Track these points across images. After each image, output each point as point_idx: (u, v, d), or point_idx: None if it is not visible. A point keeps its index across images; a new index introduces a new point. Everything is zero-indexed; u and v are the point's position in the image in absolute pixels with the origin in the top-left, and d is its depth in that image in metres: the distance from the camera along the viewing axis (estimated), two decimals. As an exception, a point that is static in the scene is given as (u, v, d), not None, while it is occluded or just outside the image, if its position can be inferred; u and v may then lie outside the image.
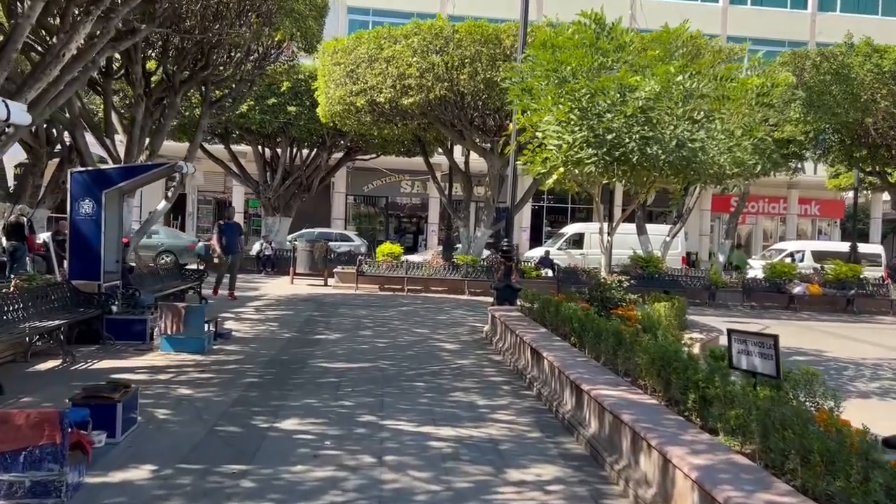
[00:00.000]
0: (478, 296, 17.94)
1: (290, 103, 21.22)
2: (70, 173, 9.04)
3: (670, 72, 7.61)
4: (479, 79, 15.49)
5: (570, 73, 8.17)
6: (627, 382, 6.05)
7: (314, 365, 8.40)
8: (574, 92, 8.14)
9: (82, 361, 7.90)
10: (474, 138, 18.40)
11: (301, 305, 14.32)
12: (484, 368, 8.70)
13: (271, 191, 23.65)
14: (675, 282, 19.33)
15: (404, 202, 35.17)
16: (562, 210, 36.14)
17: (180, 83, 12.11)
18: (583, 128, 8.21)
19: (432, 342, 10.51)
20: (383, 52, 16.09)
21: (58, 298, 8.61)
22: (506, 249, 12.21)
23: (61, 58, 6.43)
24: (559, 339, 8.30)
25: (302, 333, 10.74)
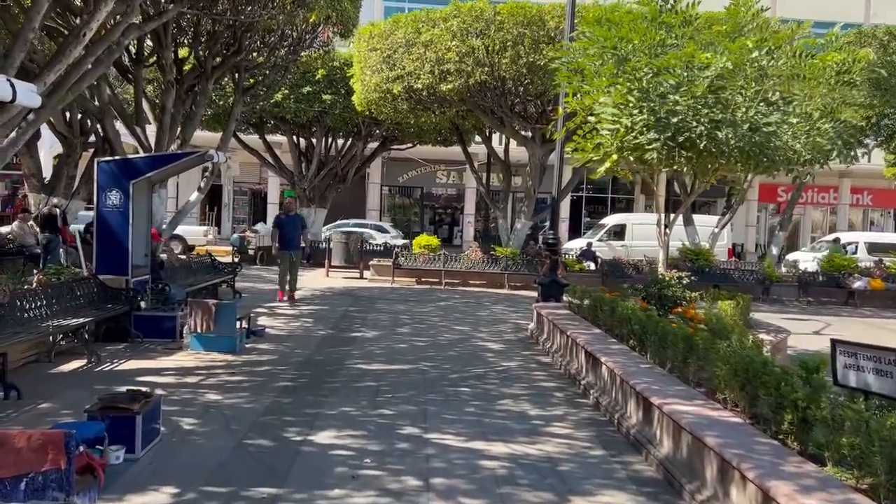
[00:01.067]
0: (518, 290, 17.28)
1: (325, 92, 20.74)
2: (97, 163, 8.62)
3: (747, 46, 6.85)
4: (521, 63, 14.76)
5: (630, 50, 7.45)
6: (702, 395, 5.37)
7: (351, 366, 7.86)
8: (635, 71, 7.41)
9: (108, 362, 7.48)
10: (515, 126, 17.69)
11: (336, 300, 13.84)
12: (532, 372, 8.06)
13: (306, 181, 23.25)
14: (727, 276, 18.41)
15: (440, 193, 34.60)
16: (601, 200, 35.22)
17: (212, 69, 11.65)
18: (643, 110, 7.49)
19: (475, 341, 9.91)
20: (421, 37, 15.46)
21: (84, 294, 8.21)
22: (551, 242, 11.52)
23: (82, 38, 5.96)
24: (615, 341, 7.63)
25: (338, 331, 10.23)
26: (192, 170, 33.07)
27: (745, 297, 9.74)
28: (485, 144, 20.60)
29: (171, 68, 10.93)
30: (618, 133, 8.17)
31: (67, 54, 5.97)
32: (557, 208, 11.70)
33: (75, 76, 6.52)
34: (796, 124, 7.42)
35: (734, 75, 6.95)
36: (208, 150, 8.72)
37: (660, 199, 9.50)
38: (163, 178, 10.13)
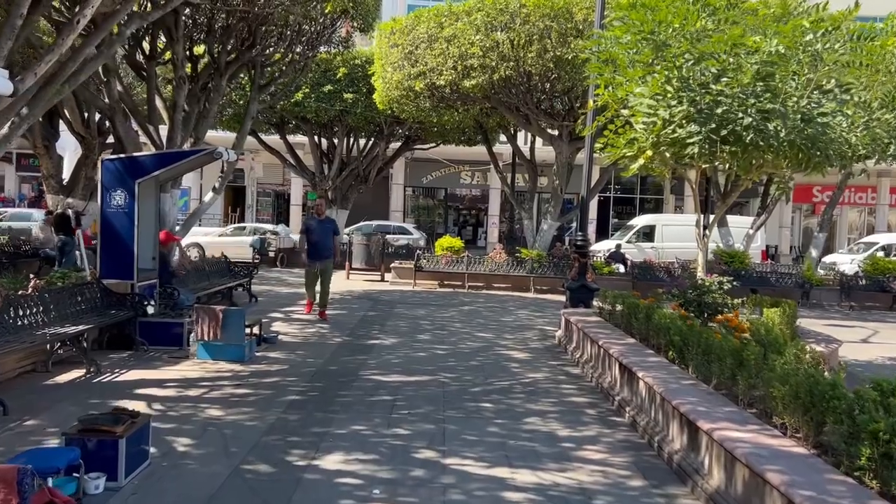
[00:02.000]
0: (544, 294, 16.67)
1: (346, 90, 20.29)
2: (100, 161, 8.22)
3: (802, 26, 6.19)
4: (547, 57, 14.14)
5: (670, 35, 6.81)
6: (756, 418, 4.73)
7: (365, 378, 7.33)
8: (674, 58, 6.78)
9: (108, 372, 7.04)
10: (541, 123, 17.06)
11: (355, 304, 13.35)
12: (561, 385, 7.46)
13: (328, 182, 22.83)
14: (764, 279, 17.60)
15: (464, 193, 34.04)
16: (629, 201, 34.38)
17: (226, 65, 11.22)
18: (683, 101, 6.85)
19: (498, 349, 9.33)
20: (444, 31, 14.91)
21: (86, 300, 7.79)
22: (580, 244, 10.90)
23: (76, 26, 5.53)
24: (652, 352, 7.00)
25: (354, 337, 9.72)
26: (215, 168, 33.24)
27: (791, 303, 9.03)
28: (510, 143, 19.99)
29: (183, 64, 10.52)
30: (654, 127, 7.53)
31: (60, 43, 5.53)
32: (587, 208, 11.08)
33: (71, 67, 6.10)
34: (853, 115, 6.73)
35: (786, 60, 6.29)
36: (217, 147, 8.26)
37: (697, 199, 8.84)
38: (171, 178, 9.73)
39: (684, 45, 6.70)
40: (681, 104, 6.91)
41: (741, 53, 6.45)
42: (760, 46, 6.27)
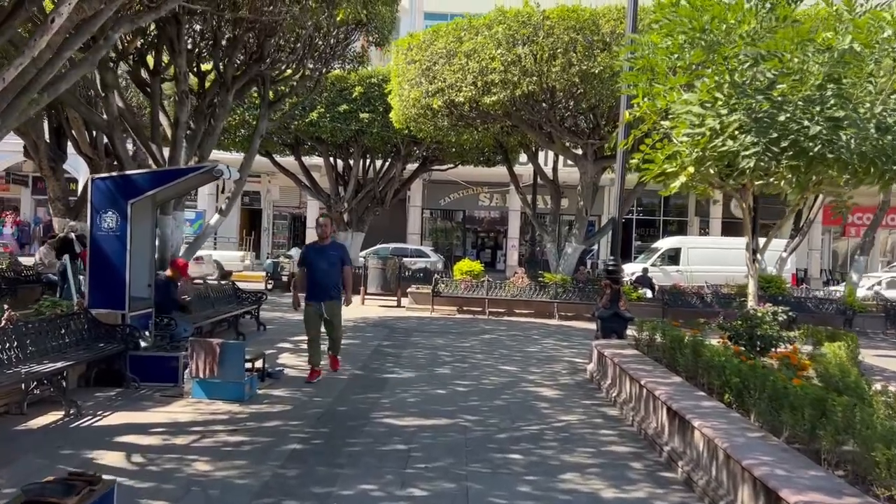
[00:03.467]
0: (569, 320, 15.78)
1: (362, 110, 19.71)
2: (90, 180, 7.56)
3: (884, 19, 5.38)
4: (572, 71, 13.41)
5: (722, 33, 6.03)
6: (850, 486, 3.86)
7: (377, 421, 6.51)
8: (727, 60, 6.00)
9: (89, 414, 6.28)
10: (565, 141, 16.30)
11: (370, 332, 12.56)
12: (598, 430, 6.58)
13: (343, 204, 22.19)
14: (801, 305, 16.57)
15: (482, 216, 33.32)
16: (651, 223, 33.44)
17: (232, 79, 10.62)
18: (737, 108, 6.05)
19: (525, 385, 8.47)
20: (463, 46, 14.26)
21: (71, 332, 7.08)
22: (612, 269, 10.06)
23: (50, 25, 4.89)
24: (704, 394, 6.12)
25: (367, 371, 8.91)
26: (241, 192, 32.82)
27: (852, 336, 8.10)
28: (531, 162, 19.24)
29: (186, 77, 9.92)
30: (701, 139, 6.72)
31: (32, 45, 4.89)
32: (618, 230, 10.25)
33: (48, 73, 5.46)
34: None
35: (860, 60, 5.48)
36: (216, 164, 7.59)
37: (747, 219, 7.99)
38: (170, 198, 9.06)
39: (739, 44, 5.91)
40: (734, 112, 6.11)
41: (809, 52, 5.64)
42: (832, 44, 5.46)
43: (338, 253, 8.12)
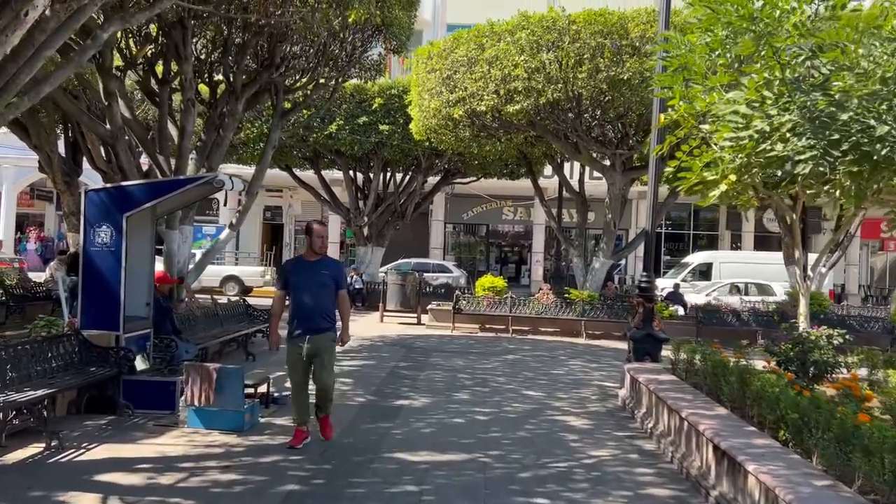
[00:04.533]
0: (597, 339, 15.03)
1: (382, 122, 19.25)
2: (84, 192, 7.09)
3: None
4: (600, 77, 12.77)
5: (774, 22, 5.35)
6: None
7: (387, 457, 5.88)
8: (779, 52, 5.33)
9: (72, 447, 5.73)
10: (591, 152, 15.62)
11: (386, 352, 11.95)
12: (634, 468, 5.88)
13: (363, 218, 21.71)
14: (844, 323, 15.60)
15: (506, 230, 32.65)
16: (680, 237, 32.50)
17: (242, 87, 10.16)
18: (790, 106, 5.36)
19: (551, 414, 7.78)
20: (485, 53, 13.70)
21: (60, 356, 6.57)
22: (645, 286, 9.36)
23: (23, 19, 4.42)
24: (753, 429, 5.40)
25: (380, 396, 8.29)
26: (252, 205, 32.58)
27: (916, 361, 7.30)
28: (556, 174, 18.58)
29: (192, 85, 9.48)
30: (746, 143, 6.04)
31: (3, 41, 4.40)
32: (651, 244, 9.55)
33: (27, 73, 4.99)
34: None
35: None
36: (217, 174, 7.08)
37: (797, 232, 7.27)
38: (170, 210, 8.58)
39: (793, 33, 5.24)
40: (786, 112, 5.43)
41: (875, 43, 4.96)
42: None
43: (331, 271, 5.99)
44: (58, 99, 9.06)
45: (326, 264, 6.04)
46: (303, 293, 5.88)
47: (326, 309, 5.92)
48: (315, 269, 5.93)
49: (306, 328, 5.84)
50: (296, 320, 5.92)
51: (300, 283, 5.90)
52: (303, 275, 5.93)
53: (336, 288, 5.98)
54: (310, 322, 5.85)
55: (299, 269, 6.02)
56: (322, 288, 5.89)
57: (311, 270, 5.93)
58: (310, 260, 6.01)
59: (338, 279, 6.03)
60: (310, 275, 5.91)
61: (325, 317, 5.90)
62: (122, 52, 10.39)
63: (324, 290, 5.90)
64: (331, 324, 5.96)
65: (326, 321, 5.92)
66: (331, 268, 6.05)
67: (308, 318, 5.86)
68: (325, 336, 5.90)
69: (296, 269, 6.04)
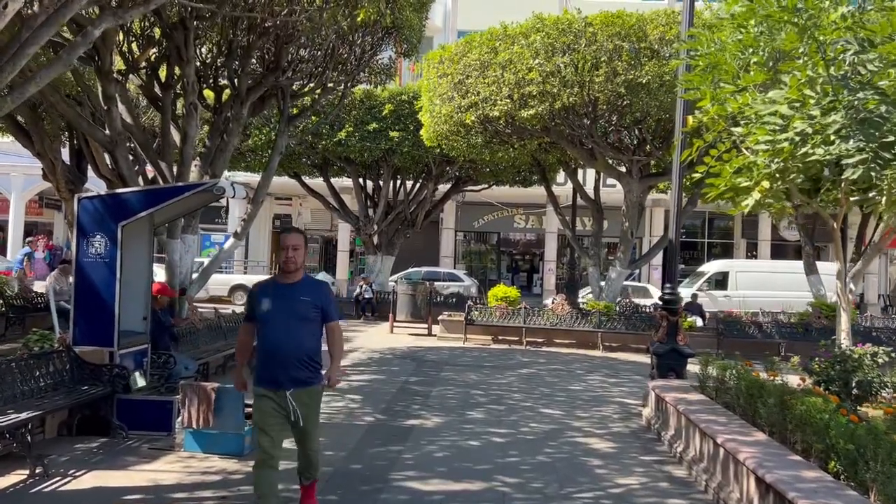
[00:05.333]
0: (614, 351, 14.55)
1: (392, 128, 18.88)
2: (76, 200, 6.71)
3: None
4: (618, 81, 12.33)
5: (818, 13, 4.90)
6: None
7: (396, 485, 5.44)
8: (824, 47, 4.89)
9: (58, 475, 5.32)
10: (608, 158, 15.17)
11: (396, 365, 11.52)
12: (666, 499, 5.41)
13: (373, 226, 21.32)
14: (872, 335, 15.05)
15: (518, 238, 32.18)
16: (693, 245, 31.87)
17: (247, 91, 9.80)
18: (837, 105, 4.91)
19: (571, 435, 7.31)
20: (498, 57, 13.30)
21: (50, 374, 6.18)
22: (668, 298, 8.88)
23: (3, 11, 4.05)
24: (798, 458, 4.93)
25: (390, 415, 7.85)
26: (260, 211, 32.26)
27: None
28: (570, 181, 18.12)
29: (195, 88, 9.11)
30: (784, 148, 5.59)
31: (-21, 35, 4.04)
32: (675, 254, 9.08)
33: (9, 72, 4.62)
34: None
35: None
36: (217, 181, 6.70)
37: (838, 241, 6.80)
38: (168, 219, 8.20)
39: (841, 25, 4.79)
40: (833, 111, 4.98)
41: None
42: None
43: (314, 297, 4.36)
44: (55, 103, 8.74)
45: (307, 288, 4.37)
46: (274, 329, 4.25)
47: (308, 350, 4.29)
48: (292, 295, 4.28)
49: (282, 377, 4.21)
50: (264, 367, 4.29)
51: (271, 316, 4.26)
52: (275, 304, 4.27)
53: (323, 319, 4.37)
54: (285, 368, 4.21)
55: (270, 295, 4.32)
56: (302, 321, 4.27)
57: (287, 297, 4.28)
58: (285, 283, 4.34)
59: (325, 307, 4.36)
60: (284, 303, 4.26)
61: (307, 363, 4.27)
62: (125, 55, 10.07)
63: (304, 324, 4.28)
64: (314, 371, 4.33)
65: (308, 368, 4.28)
66: (314, 292, 4.37)
67: (281, 365, 4.21)
68: (308, 390, 4.30)
69: (266, 296, 4.33)
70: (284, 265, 4.29)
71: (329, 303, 4.42)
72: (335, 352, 4.50)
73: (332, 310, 4.45)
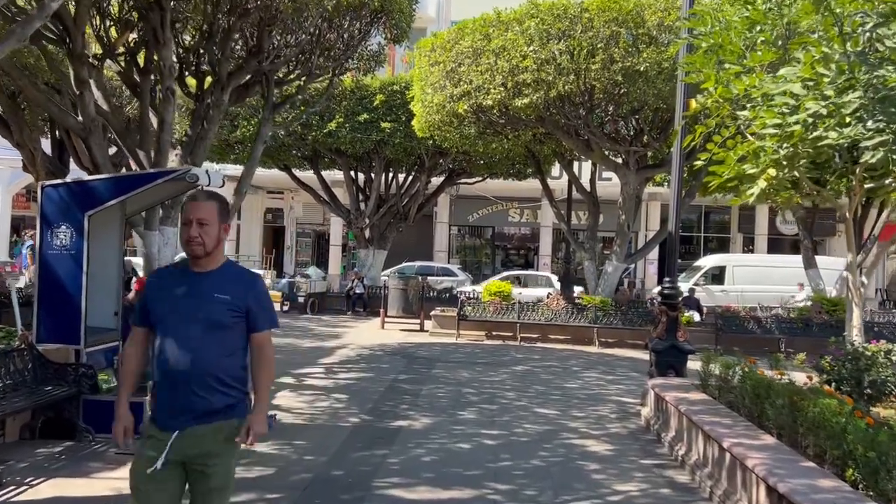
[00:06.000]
0: (610, 347, 14.20)
1: (383, 119, 18.45)
2: (40, 187, 6.30)
3: None
4: (614, 69, 11.93)
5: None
6: None
7: (380, 493, 5.06)
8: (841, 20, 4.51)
9: (12, 484, 4.91)
10: (604, 149, 14.79)
11: (386, 363, 11.14)
12: (669, 508, 5.05)
13: (364, 220, 20.91)
14: (873, 329, 14.72)
15: (512, 232, 31.82)
16: (689, 239, 31.52)
17: (228, 76, 9.38)
18: (854, 84, 4.54)
19: (567, 436, 6.95)
20: (491, 44, 12.87)
21: (10, 374, 5.77)
22: (668, 293, 8.53)
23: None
24: (812, 464, 4.58)
25: (376, 416, 7.47)
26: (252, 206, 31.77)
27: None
28: (566, 173, 17.75)
29: (172, 72, 8.68)
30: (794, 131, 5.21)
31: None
32: (675, 247, 8.71)
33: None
34: None
35: None
36: (189, 168, 6.29)
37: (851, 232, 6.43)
38: (141, 209, 7.78)
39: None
40: (850, 90, 4.60)
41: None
42: None
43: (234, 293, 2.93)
44: (24, 87, 8.32)
45: (226, 281, 2.93)
46: (171, 338, 2.86)
47: (220, 369, 2.87)
48: (201, 290, 2.90)
49: (176, 409, 2.82)
50: (162, 395, 2.90)
51: (168, 319, 2.88)
52: (176, 301, 2.90)
53: (248, 327, 2.94)
54: (183, 398, 2.82)
55: (171, 288, 2.95)
56: (212, 329, 2.86)
57: (194, 292, 2.90)
58: (196, 270, 2.93)
59: (251, 309, 2.93)
60: (190, 301, 2.88)
61: (218, 386, 2.85)
62: (102, 39, 9.63)
63: (216, 332, 2.87)
64: (229, 400, 2.88)
65: (220, 395, 2.86)
66: (236, 288, 2.93)
67: (180, 390, 2.82)
68: (214, 428, 2.84)
69: (164, 289, 2.97)
70: (187, 247, 2.86)
71: (258, 304, 2.95)
72: (260, 382, 2.96)
73: (263, 314, 2.97)
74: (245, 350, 2.96)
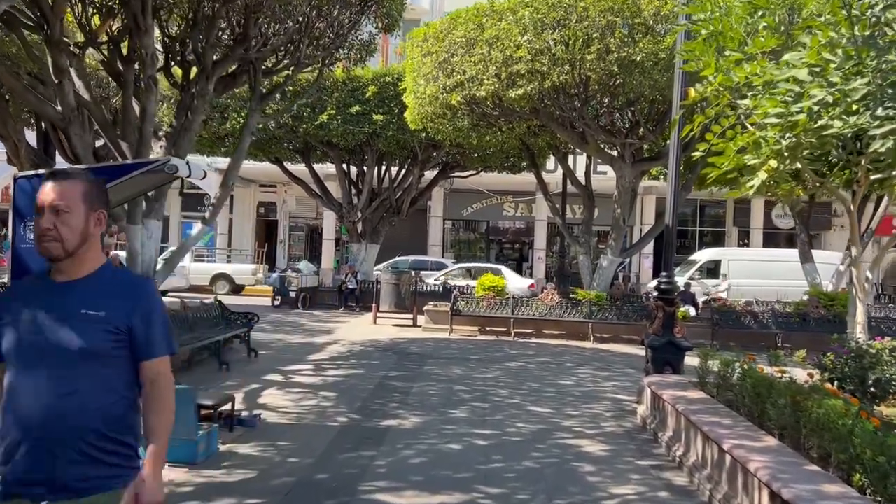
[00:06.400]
0: (605, 342, 14.02)
1: (376, 111, 18.17)
2: (13, 179, 6.03)
3: None
4: (610, 59, 11.69)
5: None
6: None
7: (365, 498, 4.84)
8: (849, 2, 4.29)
9: (-21, 488, 4.70)
10: (599, 142, 14.57)
11: (376, 359, 10.91)
12: (667, 512, 4.85)
13: (357, 213, 20.65)
14: (871, 324, 14.52)
15: (507, 226, 31.60)
16: (683, 233, 31.35)
17: (213, 65, 9.11)
18: (863, 69, 4.32)
19: (561, 436, 6.74)
20: (485, 33, 12.62)
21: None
22: (665, 287, 8.33)
23: None
24: (816, 468, 4.38)
25: (364, 415, 7.25)
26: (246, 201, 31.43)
27: None
28: (561, 166, 17.53)
29: (154, 60, 8.41)
30: (798, 120, 5.00)
31: None
32: (672, 240, 8.50)
33: None
34: None
35: None
36: (169, 158, 6.03)
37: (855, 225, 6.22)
38: (119, 202, 7.49)
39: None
40: (858, 76, 4.38)
41: None
42: None
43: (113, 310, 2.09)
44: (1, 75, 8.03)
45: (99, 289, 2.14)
46: (24, 376, 2.05)
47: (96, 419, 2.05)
48: (62, 304, 2.10)
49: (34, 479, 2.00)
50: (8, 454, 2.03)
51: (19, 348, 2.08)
52: (29, 323, 2.09)
53: (134, 356, 2.15)
54: (41, 463, 2.00)
55: (21, 306, 2.13)
56: (82, 360, 2.06)
57: (56, 309, 2.09)
58: (55, 280, 2.16)
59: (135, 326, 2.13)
60: (46, 323, 2.07)
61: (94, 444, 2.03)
62: (84, 27, 9.34)
63: (89, 364, 2.06)
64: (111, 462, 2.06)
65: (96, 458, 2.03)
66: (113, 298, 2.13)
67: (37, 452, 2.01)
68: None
69: (12, 311, 2.13)
70: (38, 245, 2.11)
71: (147, 322, 2.14)
72: (153, 429, 2.13)
73: (155, 335, 2.16)
74: (133, 386, 2.14)
